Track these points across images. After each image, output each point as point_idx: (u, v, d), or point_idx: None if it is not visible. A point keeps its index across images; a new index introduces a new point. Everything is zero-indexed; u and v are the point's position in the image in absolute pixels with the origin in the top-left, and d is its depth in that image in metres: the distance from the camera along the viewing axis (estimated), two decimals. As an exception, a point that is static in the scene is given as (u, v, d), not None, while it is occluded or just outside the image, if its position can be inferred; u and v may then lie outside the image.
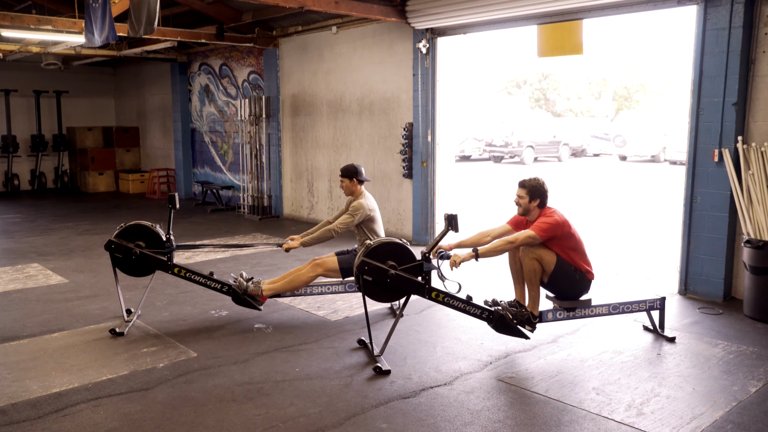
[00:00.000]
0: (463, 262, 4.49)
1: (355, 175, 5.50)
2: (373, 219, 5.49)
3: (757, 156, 5.54)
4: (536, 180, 4.68)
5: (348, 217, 5.39)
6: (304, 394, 3.97)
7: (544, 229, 4.51)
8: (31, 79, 14.63)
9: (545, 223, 4.54)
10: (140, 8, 6.07)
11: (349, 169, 5.51)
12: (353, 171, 5.50)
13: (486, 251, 4.51)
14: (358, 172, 5.51)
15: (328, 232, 5.37)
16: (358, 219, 5.40)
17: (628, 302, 4.89)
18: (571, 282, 4.65)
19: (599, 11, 6.61)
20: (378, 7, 7.85)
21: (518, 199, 4.71)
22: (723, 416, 3.68)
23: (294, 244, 5.36)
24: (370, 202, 5.53)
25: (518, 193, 4.70)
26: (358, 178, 5.51)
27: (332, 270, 5.31)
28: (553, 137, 25.81)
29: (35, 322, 5.38)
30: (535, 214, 4.68)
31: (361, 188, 5.57)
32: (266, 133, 11.11)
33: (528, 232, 4.53)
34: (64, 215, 11.44)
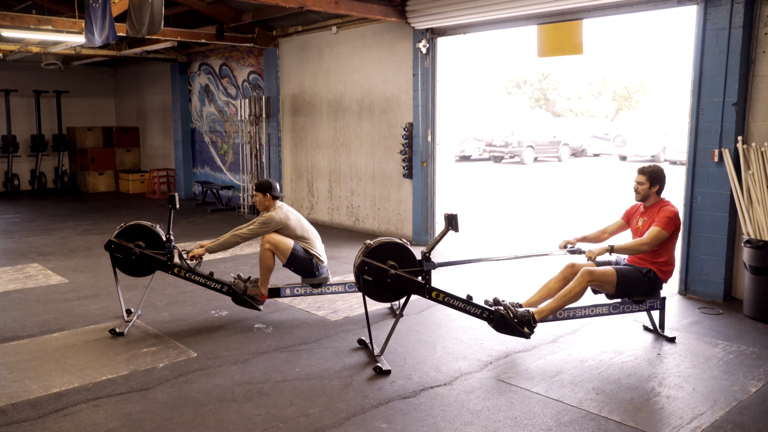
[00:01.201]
0: (598, 256, 4.61)
1: (269, 190, 5.45)
2: (291, 227, 5.39)
3: (757, 156, 5.54)
4: (656, 166, 4.86)
5: (256, 227, 5.34)
6: (304, 394, 3.97)
7: (666, 223, 4.63)
8: (31, 79, 14.63)
9: (666, 217, 4.65)
10: (141, 8, 6.05)
11: (263, 184, 5.47)
12: (267, 186, 5.46)
13: (621, 248, 4.63)
14: (272, 187, 5.47)
15: (232, 237, 5.34)
16: (269, 229, 5.31)
17: (628, 302, 4.89)
18: (638, 286, 4.74)
19: (599, 11, 6.61)
20: (378, 7, 7.85)
21: (637, 186, 4.84)
22: (723, 416, 3.68)
23: (199, 251, 5.26)
24: (287, 212, 5.44)
25: (637, 180, 4.85)
26: (271, 193, 5.45)
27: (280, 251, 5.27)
28: (553, 137, 25.81)
29: (35, 322, 5.38)
30: (653, 200, 4.82)
31: (275, 203, 5.49)
32: (266, 133, 11.11)
33: (660, 232, 4.61)
34: (64, 215, 11.44)
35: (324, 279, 5.49)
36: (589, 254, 4.65)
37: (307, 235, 5.48)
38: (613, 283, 4.66)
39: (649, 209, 4.84)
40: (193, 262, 5.31)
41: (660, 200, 4.84)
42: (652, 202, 4.85)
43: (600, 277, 4.63)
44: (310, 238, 5.47)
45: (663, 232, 4.61)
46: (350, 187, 9.80)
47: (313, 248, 5.44)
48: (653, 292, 4.83)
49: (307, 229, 5.52)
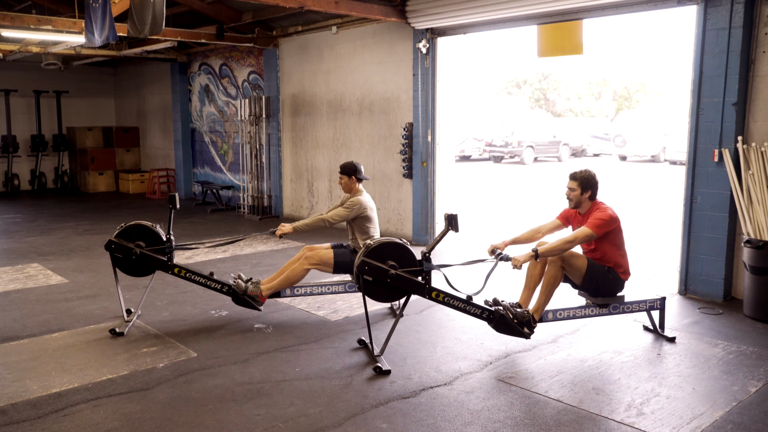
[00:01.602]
0: (524, 263, 4.52)
1: (354, 173, 5.49)
2: (369, 218, 5.47)
3: (757, 156, 5.54)
4: (587, 172, 4.72)
5: (344, 210, 5.39)
6: (304, 394, 3.97)
7: (599, 225, 4.54)
8: (31, 79, 14.63)
9: (600, 219, 4.56)
10: (143, 8, 6.05)
11: (348, 166, 5.51)
12: (352, 168, 5.49)
13: (545, 251, 4.52)
14: (357, 170, 5.50)
15: (321, 220, 5.35)
16: (354, 214, 5.39)
17: (628, 302, 4.89)
18: (604, 281, 4.69)
19: (599, 11, 6.61)
20: (378, 7, 7.85)
21: (569, 192, 4.73)
22: (723, 416, 3.68)
23: (286, 229, 5.31)
24: (369, 201, 5.52)
25: (569, 186, 4.73)
26: (357, 176, 5.50)
27: (325, 263, 5.29)
28: (553, 137, 25.80)
29: (35, 322, 5.38)
30: (587, 206, 4.72)
31: (359, 186, 5.55)
32: (266, 133, 11.11)
33: (585, 231, 4.55)
34: (64, 215, 11.44)
35: None
36: (515, 262, 4.52)
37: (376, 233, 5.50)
38: (582, 271, 4.60)
39: (585, 215, 4.73)
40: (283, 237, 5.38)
41: (594, 204, 4.72)
42: (586, 208, 4.73)
43: (570, 259, 4.58)
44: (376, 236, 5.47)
45: (590, 232, 4.52)
46: (350, 187, 9.79)
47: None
48: (616, 290, 4.77)
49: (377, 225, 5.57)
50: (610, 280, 4.70)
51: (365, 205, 5.43)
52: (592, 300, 4.80)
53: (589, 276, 4.64)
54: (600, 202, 4.74)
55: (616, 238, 4.67)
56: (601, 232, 4.55)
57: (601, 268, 4.67)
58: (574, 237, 4.56)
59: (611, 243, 4.66)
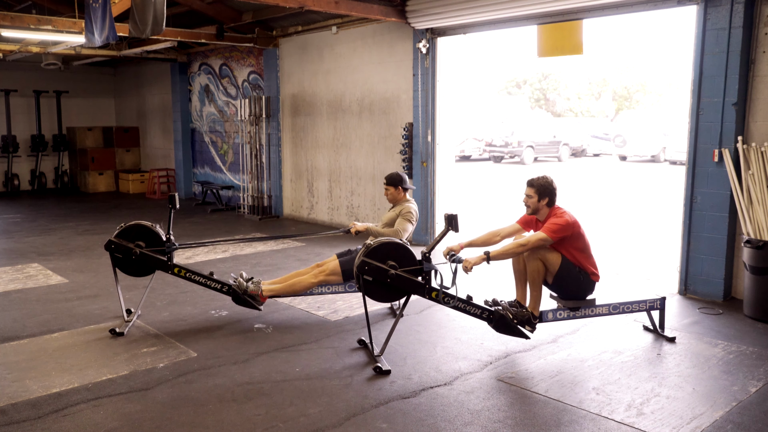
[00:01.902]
0: (475, 266, 4.48)
1: (401, 184, 5.58)
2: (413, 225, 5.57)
3: (757, 156, 5.54)
4: (544, 178, 4.66)
5: (406, 222, 5.40)
6: (304, 394, 3.97)
7: (554, 230, 4.48)
8: (31, 79, 14.63)
9: (555, 224, 4.51)
10: (144, 9, 6.05)
11: (394, 177, 5.59)
12: (398, 179, 5.58)
13: (497, 254, 4.50)
14: (403, 180, 5.59)
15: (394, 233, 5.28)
16: (415, 221, 5.47)
17: (628, 302, 4.89)
18: (575, 283, 4.64)
19: (599, 11, 6.61)
20: (378, 7, 7.85)
21: (527, 199, 4.68)
22: (723, 416, 3.68)
23: (361, 227, 5.45)
24: (415, 208, 5.58)
25: (527, 192, 4.68)
26: (403, 186, 5.59)
27: (334, 274, 5.32)
28: (553, 137, 25.81)
29: (35, 322, 5.38)
30: (545, 213, 4.66)
31: (406, 195, 5.63)
32: (266, 133, 11.11)
33: (539, 235, 4.51)
34: (64, 215, 11.44)
35: None
36: (466, 264, 4.47)
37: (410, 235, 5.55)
38: (556, 267, 4.54)
39: (543, 222, 4.66)
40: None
41: (552, 210, 4.65)
42: (544, 215, 4.66)
43: (546, 255, 4.53)
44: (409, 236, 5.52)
45: (544, 236, 4.47)
46: (350, 187, 9.80)
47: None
48: (586, 292, 4.72)
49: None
50: (582, 282, 4.65)
51: (416, 212, 5.53)
52: (563, 303, 4.73)
53: (561, 274, 4.58)
54: (558, 208, 4.66)
55: (576, 242, 4.60)
56: (556, 237, 4.49)
57: (573, 268, 4.62)
58: (527, 241, 4.53)
59: (573, 248, 4.60)
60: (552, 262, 4.56)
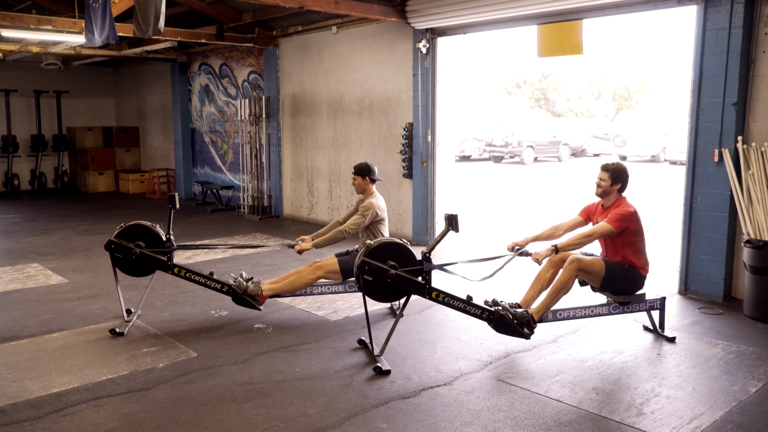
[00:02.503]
0: (545, 258, 4.56)
1: (368, 174, 5.48)
2: (382, 220, 5.50)
3: (757, 156, 5.54)
4: (620, 164, 4.78)
5: (359, 218, 5.38)
6: (304, 394, 3.97)
7: (618, 220, 4.57)
8: (31, 79, 14.63)
9: (619, 214, 4.59)
10: (147, 9, 6.04)
11: (362, 167, 5.50)
12: (366, 169, 5.48)
13: (565, 245, 4.57)
14: (371, 171, 5.49)
15: (339, 233, 5.35)
16: (369, 219, 5.39)
17: (633, 301, 4.89)
18: (624, 279, 4.71)
19: (599, 11, 6.61)
20: (378, 7, 7.85)
21: (599, 182, 4.78)
22: (723, 416, 3.68)
23: (306, 246, 5.36)
24: (380, 202, 5.51)
25: (600, 176, 4.78)
26: (370, 177, 5.49)
27: (333, 272, 5.31)
28: (553, 137, 25.80)
29: (35, 322, 5.38)
30: (612, 198, 4.77)
31: (372, 187, 5.55)
32: (266, 133, 11.11)
33: (605, 226, 4.57)
34: (64, 215, 11.44)
35: None
36: (536, 257, 4.57)
37: (386, 233, 5.51)
38: (601, 275, 4.63)
39: (608, 209, 4.78)
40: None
41: (619, 198, 4.78)
42: (611, 201, 4.79)
43: (588, 266, 4.59)
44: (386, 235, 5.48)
45: (609, 227, 4.56)
46: (350, 187, 9.80)
47: None
48: (636, 288, 4.80)
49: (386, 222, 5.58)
50: (631, 279, 4.72)
51: (378, 207, 5.43)
52: (613, 298, 4.81)
53: (609, 279, 4.67)
54: (624, 198, 4.79)
55: (636, 234, 4.70)
56: (620, 227, 4.58)
57: (620, 268, 4.69)
58: (593, 231, 4.61)
59: (632, 239, 4.68)
60: (596, 272, 4.63)
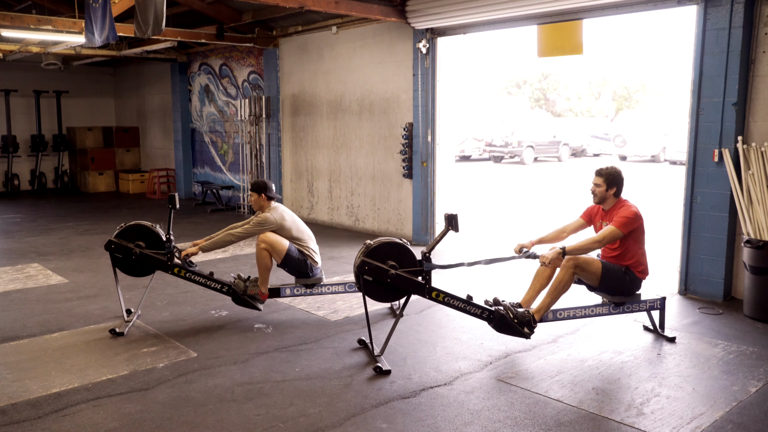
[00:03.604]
0: (552, 259, 4.54)
1: (264, 191, 5.43)
2: (288, 228, 5.36)
3: (757, 156, 5.54)
4: (614, 168, 4.74)
5: (252, 227, 5.31)
6: (304, 394, 3.97)
7: (624, 223, 4.56)
8: (31, 79, 14.63)
9: (625, 217, 4.58)
10: (147, 9, 6.04)
11: (259, 184, 5.46)
12: (262, 186, 5.44)
13: (574, 249, 4.54)
14: (266, 188, 5.45)
15: (227, 236, 5.32)
16: (260, 231, 5.27)
17: (628, 302, 4.89)
18: (621, 282, 4.71)
19: (599, 11, 6.61)
20: (378, 7, 7.85)
21: (594, 188, 4.75)
22: (723, 416, 3.68)
23: (193, 250, 5.26)
24: (283, 212, 5.40)
25: (595, 182, 4.75)
26: (266, 194, 5.44)
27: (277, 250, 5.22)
28: (553, 137, 25.80)
29: (35, 322, 5.38)
30: (611, 203, 4.74)
31: (270, 203, 5.47)
32: (266, 133, 11.11)
33: (613, 230, 4.56)
34: (64, 215, 11.44)
35: (317, 280, 5.46)
36: (543, 259, 4.56)
37: (303, 236, 5.45)
38: (598, 274, 4.62)
39: (609, 212, 4.76)
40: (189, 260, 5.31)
41: (619, 201, 4.76)
42: (610, 205, 4.76)
43: (585, 265, 4.58)
44: (304, 238, 5.45)
45: (617, 231, 4.56)
46: (350, 187, 9.80)
47: (307, 249, 5.42)
48: (633, 290, 4.80)
49: (303, 230, 5.50)
50: (628, 281, 4.72)
51: (273, 220, 5.30)
52: (608, 298, 4.81)
53: (605, 279, 4.66)
54: (624, 200, 4.77)
55: (639, 236, 4.70)
56: (627, 230, 4.58)
57: (617, 270, 4.68)
58: (602, 237, 4.59)
59: (634, 241, 4.68)
60: (593, 271, 4.62)
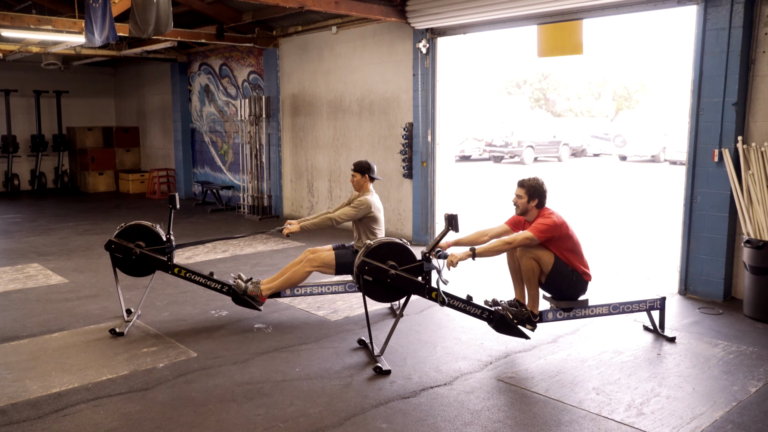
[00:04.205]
0: (460, 261, 4.49)
1: (368, 171, 5.52)
2: (376, 219, 5.48)
3: (757, 156, 5.54)
4: (535, 180, 4.66)
5: (351, 210, 5.39)
6: (304, 394, 3.98)
7: (541, 230, 4.50)
8: (31, 79, 14.63)
9: (543, 224, 4.52)
10: (146, 9, 6.02)
11: (363, 164, 5.55)
12: (366, 167, 5.53)
13: (483, 251, 4.51)
14: (370, 169, 5.54)
15: (328, 219, 5.36)
16: (361, 214, 5.40)
17: (628, 302, 4.89)
18: (568, 283, 4.64)
19: (599, 11, 6.61)
20: (378, 7, 7.85)
21: (516, 199, 4.69)
22: (723, 416, 3.68)
23: (293, 228, 5.32)
24: (377, 201, 5.53)
25: (517, 193, 4.69)
26: (370, 175, 5.53)
27: (327, 265, 5.30)
28: (553, 137, 25.80)
29: (35, 322, 5.38)
30: (534, 214, 4.67)
31: (369, 186, 5.57)
32: (266, 133, 11.11)
33: (526, 234, 4.52)
34: (64, 215, 11.44)
35: None
36: (452, 258, 4.49)
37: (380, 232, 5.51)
38: (549, 266, 4.55)
39: (531, 223, 4.66)
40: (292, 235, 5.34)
41: (541, 211, 4.65)
42: (533, 216, 4.67)
43: (539, 254, 4.53)
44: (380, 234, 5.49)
45: (530, 235, 4.48)
46: (350, 187, 9.80)
47: None
48: (579, 293, 4.72)
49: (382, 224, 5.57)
50: (574, 282, 4.65)
51: (373, 205, 5.44)
52: (555, 304, 4.74)
53: (554, 274, 4.58)
54: (546, 209, 4.67)
55: (566, 243, 4.60)
56: (543, 237, 4.50)
57: (566, 268, 4.61)
58: (513, 239, 4.54)
59: (563, 248, 4.60)
60: (545, 261, 4.56)
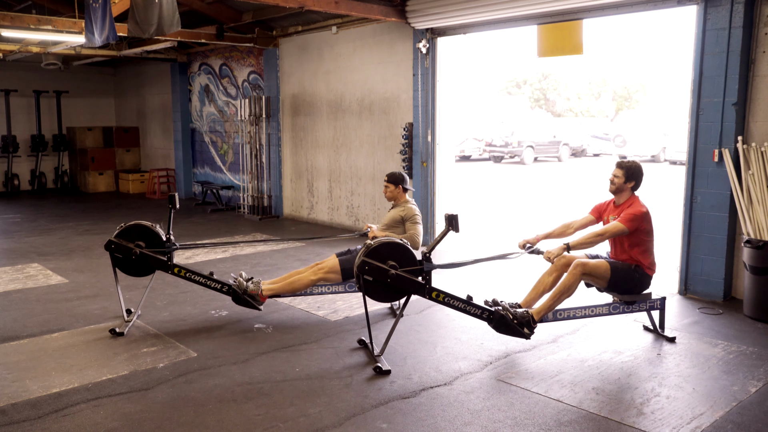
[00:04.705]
0: (556, 256, 4.58)
1: (401, 182, 5.60)
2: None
3: (757, 156, 5.54)
4: (634, 163, 4.82)
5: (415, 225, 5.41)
6: (304, 394, 3.98)
7: (630, 219, 4.59)
8: (31, 79, 14.63)
9: (632, 213, 4.61)
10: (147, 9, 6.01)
11: (396, 175, 5.62)
12: (400, 178, 5.61)
13: (577, 243, 4.59)
14: (404, 180, 5.62)
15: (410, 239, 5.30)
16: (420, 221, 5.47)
17: (628, 302, 4.89)
18: (631, 281, 4.72)
19: (599, 11, 6.61)
20: (378, 7, 7.85)
21: (613, 178, 4.80)
22: (723, 416, 3.68)
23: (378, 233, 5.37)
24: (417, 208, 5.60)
25: (614, 173, 4.80)
26: (404, 186, 5.62)
27: (333, 272, 5.32)
28: (553, 137, 25.80)
29: (35, 322, 5.38)
30: (625, 196, 4.78)
31: (405, 195, 5.65)
32: (266, 133, 11.11)
33: (617, 225, 4.59)
34: (64, 215, 11.43)
35: None
36: (548, 255, 4.60)
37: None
38: (607, 277, 4.64)
39: (620, 207, 4.81)
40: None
41: (632, 197, 4.80)
42: (624, 198, 4.80)
43: (593, 270, 4.61)
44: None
45: (621, 227, 4.59)
46: (350, 187, 9.80)
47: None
48: (642, 287, 4.81)
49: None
50: (637, 279, 4.73)
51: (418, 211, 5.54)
52: (620, 297, 4.81)
53: (615, 280, 4.68)
54: (636, 197, 4.80)
55: (647, 234, 4.71)
56: (632, 227, 4.60)
57: (626, 269, 4.69)
58: (605, 230, 4.63)
59: (642, 239, 4.69)
60: (601, 275, 4.64)
